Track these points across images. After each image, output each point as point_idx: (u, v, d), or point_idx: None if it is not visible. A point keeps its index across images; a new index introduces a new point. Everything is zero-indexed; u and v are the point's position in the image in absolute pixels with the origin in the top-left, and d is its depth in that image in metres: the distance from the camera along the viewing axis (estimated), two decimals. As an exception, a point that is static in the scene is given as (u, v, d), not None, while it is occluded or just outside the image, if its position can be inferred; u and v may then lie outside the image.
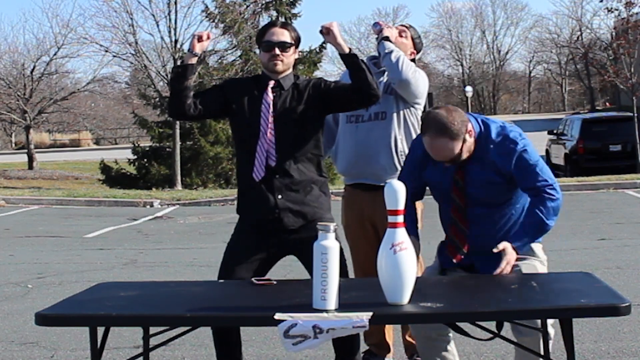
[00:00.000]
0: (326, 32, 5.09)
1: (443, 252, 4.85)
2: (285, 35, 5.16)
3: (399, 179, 4.68)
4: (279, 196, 5.01)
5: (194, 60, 5.20)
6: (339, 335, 3.82)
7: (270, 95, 5.12)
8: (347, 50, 5.04)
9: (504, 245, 4.41)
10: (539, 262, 4.77)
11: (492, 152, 4.55)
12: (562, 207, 4.59)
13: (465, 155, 4.52)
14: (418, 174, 4.81)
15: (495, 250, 4.40)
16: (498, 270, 4.37)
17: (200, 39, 5.17)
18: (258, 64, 29.40)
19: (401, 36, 5.54)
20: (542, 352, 4.35)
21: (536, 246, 4.77)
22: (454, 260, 4.73)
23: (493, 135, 4.59)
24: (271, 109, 5.12)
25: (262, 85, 5.20)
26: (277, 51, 5.11)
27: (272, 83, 5.16)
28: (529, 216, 4.54)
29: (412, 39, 4.95)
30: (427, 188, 4.87)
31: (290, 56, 5.22)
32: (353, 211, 5.78)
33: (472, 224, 4.68)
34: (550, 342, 4.48)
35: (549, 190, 4.51)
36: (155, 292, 4.65)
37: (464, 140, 4.48)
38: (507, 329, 4.32)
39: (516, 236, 4.52)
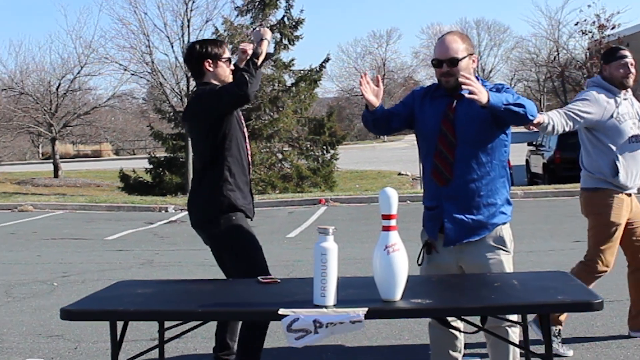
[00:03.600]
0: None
1: (424, 218, 4.84)
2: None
3: (396, 107, 4.90)
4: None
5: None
6: (338, 331, 3.83)
7: None
8: None
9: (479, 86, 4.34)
10: (506, 254, 4.72)
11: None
12: (541, 211, 4.61)
13: (460, 77, 4.40)
14: (407, 108, 4.85)
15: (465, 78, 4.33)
16: (467, 85, 4.29)
17: (245, 52, 5.40)
18: (263, 82, 29.44)
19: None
20: (516, 342, 4.38)
21: (506, 231, 4.74)
22: (438, 184, 4.68)
23: (486, 83, 4.66)
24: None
25: None
26: None
27: None
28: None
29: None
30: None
31: None
32: (625, 212, 6.10)
33: (456, 161, 4.64)
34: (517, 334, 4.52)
35: (532, 104, 4.52)
36: (170, 289, 4.67)
37: (468, 55, 4.63)
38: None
39: (494, 93, 4.41)
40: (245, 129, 5.52)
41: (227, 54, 5.47)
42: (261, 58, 5.26)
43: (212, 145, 5.28)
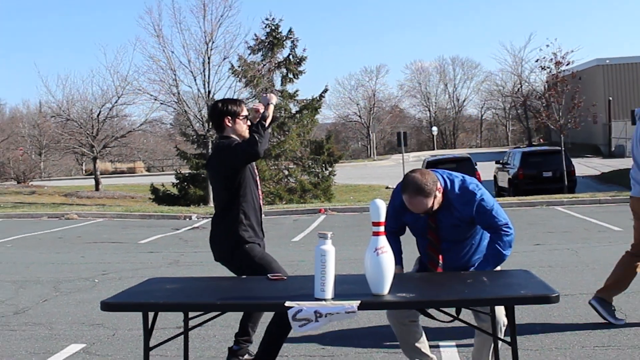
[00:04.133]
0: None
1: (421, 262, 4.94)
2: None
3: (390, 223, 4.65)
4: None
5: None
6: (336, 320, 3.83)
7: None
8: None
9: None
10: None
11: (456, 202, 4.60)
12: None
13: (435, 207, 4.57)
14: (398, 217, 4.83)
15: None
16: None
17: (257, 111, 5.33)
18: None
19: None
20: (490, 331, 4.38)
21: None
22: (435, 270, 4.78)
23: (456, 189, 4.63)
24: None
25: None
26: None
27: None
28: (490, 249, 4.60)
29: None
30: None
31: None
32: None
33: (444, 253, 4.75)
34: (503, 328, 4.51)
35: (504, 228, 4.58)
36: (193, 285, 4.68)
37: (435, 196, 4.53)
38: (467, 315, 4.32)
39: (480, 266, 4.60)
40: (257, 177, 5.52)
41: (244, 112, 5.43)
42: (268, 120, 5.27)
43: (229, 192, 5.29)
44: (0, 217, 22.60)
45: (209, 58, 27.04)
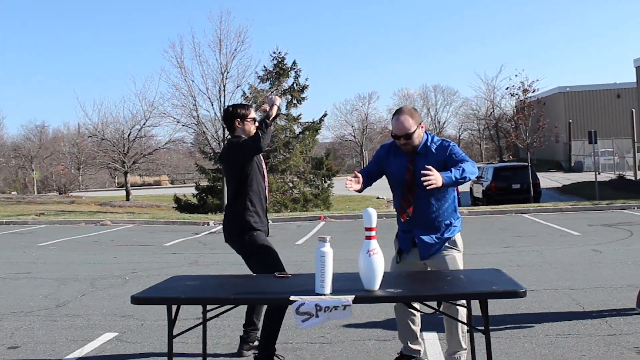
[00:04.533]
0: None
1: (399, 237, 4.85)
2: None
3: (368, 165, 4.86)
4: None
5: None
6: (333, 317, 3.81)
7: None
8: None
9: (435, 171, 4.30)
10: (457, 252, 4.74)
11: (433, 148, 4.62)
12: (480, 225, 4.67)
13: (416, 142, 4.59)
14: (379, 162, 4.85)
15: (426, 172, 4.28)
16: (426, 172, 4.27)
17: (265, 110, 5.38)
18: (278, 131, 29.51)
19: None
20: (466, 321, 4.39)
21: (458, 237, 4.77)
22: (402, 219, 4.73)
23: (435, 139, 4.70)
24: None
25: None
26: None
27: None
28: (456, 167, 4.47)
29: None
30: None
31: None
32: None
33: (417, 200, 4.67)
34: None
35: (471, 160, 4.56)
36: (210, 282, 4.67)
37: (419, 126, 4.60)
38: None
39: (445, 174, 4.38)
40: (264, 170, 5.53)
41: (252, 115, 5.49)
42: (272, 118, 5.31)
43: (238, 182, 5.31)
44: (45, 223, 22.60)
45: (224, 86, 27.05)
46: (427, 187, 4.29)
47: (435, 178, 4.26)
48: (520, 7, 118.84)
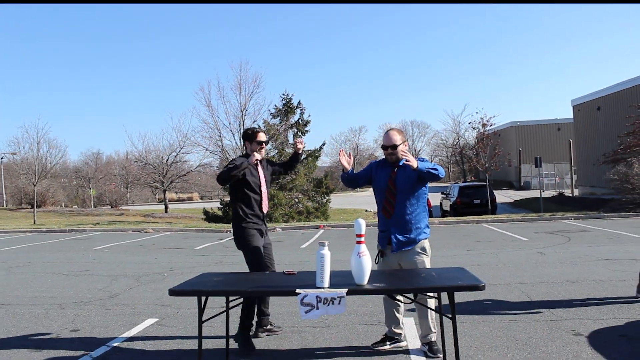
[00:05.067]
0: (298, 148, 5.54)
1: (378, 236, 4.87)
2: (266, 137, 5.40)
3: (361, 172, 4.89)
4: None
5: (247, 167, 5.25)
6: (331, 311, 3.78)
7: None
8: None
9: (412, 158, 4.48)
10: (426, 257, 4.76)
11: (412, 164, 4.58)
12: (448, 232, 4.69)
13: (400, 154, 4.64)
14: (367, 171, 4.90)
15: (404, 159, 4.51)
16: (406, 157, 4.50)
17: (256, 161, 5.26)
18: (286, 157, 29.53)
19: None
20: (433, 308, 4.39)
21: (427, 243, 4.78)
22: (385, 217, 4.73)
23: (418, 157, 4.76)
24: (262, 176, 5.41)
25: (253, 164, 5.31)
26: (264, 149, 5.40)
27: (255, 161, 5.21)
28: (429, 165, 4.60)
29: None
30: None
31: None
32: None
33: (397, 203, 4.69)
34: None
35: (440, 167, 4.59)
36: (233, 278, 4.68)
37: (402, 143, 4.70)
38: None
39: (421, 163, 4.52)
40: (263, 185, 5.39)
41: (259, 139, 5.40)
42: (239, 169, 5.14)
43: (230, 195, 5.38)
44: (99, 231, 22.55)
45: (243, 121, 27.18)
46: (405, 163, 4.44)
47: (411, 159, 4.45)
48: (481, 55, 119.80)
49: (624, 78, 31.42)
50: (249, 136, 5.46)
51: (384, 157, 4.89)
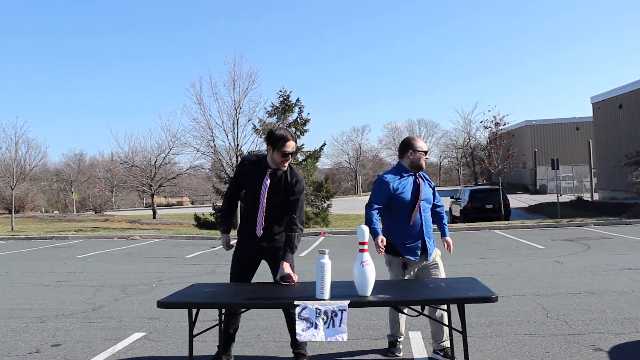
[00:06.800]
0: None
1: (405, 248, 4.99)
2: (294, 147, 4.68)
3: (380, 198, 4.96)
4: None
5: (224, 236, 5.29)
6: (329, 335, 3.75)
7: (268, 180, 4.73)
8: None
9: (449, 242, 5.25)
10: (441, 260, 5.15)
11: (427, 179, 5.20)
12: (459, 239, 4.77)
13: (424, 166, 5.12)
14: (389, 196, 4.98)
15: (448, 243, 5.27)
16: (449, 246, 5.26)
17: (229, 247, 5.17)
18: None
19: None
20: (446, 323, 4.39)
21: (437, 250, 5.18)
22: (415, 227, 4.97)
23: (427, 177, 5.26)
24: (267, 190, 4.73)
25: (263, 171, 4.76)
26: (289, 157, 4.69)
27: (270, 171, 4.74)
28: (441, 218, 5.30)
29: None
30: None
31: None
32: None
33: (423, 211, 5.01)
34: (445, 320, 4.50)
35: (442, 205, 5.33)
36: (225, 289, 4.67)
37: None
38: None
39: (445, 231, 5.32)
40: (262, 194, 4.76)
41: (285, 149, 4.65)
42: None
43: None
44: (82, 238, 22.56)
45: (237, 120, 27.14)
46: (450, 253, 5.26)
47: (451, 245, 5.28)
48: (493, 50, 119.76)
49: (647, 73, 31.45)
50: (273, 141, 4.64)
51: (392, 158, 5.13)
